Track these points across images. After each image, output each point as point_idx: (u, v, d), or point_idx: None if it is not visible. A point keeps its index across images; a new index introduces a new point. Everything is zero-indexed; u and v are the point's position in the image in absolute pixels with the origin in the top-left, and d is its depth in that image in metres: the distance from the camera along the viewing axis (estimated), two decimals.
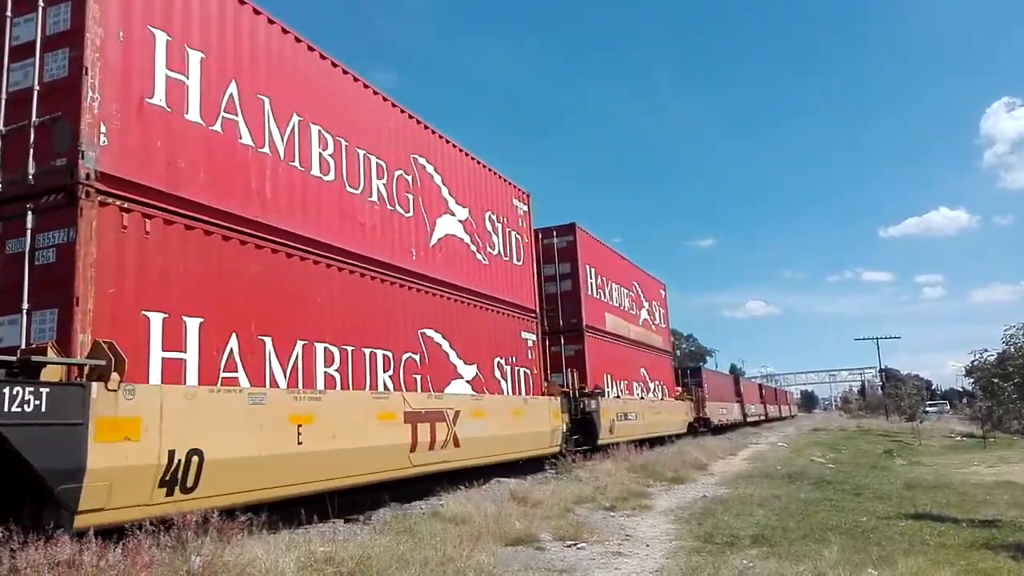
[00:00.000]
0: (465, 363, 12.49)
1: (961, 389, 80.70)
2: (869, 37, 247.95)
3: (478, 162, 14.32)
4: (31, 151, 6.54)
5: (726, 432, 37.14)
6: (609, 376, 20.62)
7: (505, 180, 15.57)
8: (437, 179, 12.44)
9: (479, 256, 13.67)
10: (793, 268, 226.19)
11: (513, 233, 15.54)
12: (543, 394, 15.61)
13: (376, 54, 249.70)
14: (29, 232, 6.41)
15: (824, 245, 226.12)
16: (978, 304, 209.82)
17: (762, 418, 60.33)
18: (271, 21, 9.06)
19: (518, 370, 14.63)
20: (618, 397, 21.02)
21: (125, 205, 6.76)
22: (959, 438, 35.03)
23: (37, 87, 6.74)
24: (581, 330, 18.99)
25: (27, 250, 6.38)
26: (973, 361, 22.01)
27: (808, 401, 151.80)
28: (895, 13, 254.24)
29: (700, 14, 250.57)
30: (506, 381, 14.04)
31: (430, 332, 11.53)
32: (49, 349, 6.03)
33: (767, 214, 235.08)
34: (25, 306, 6.29)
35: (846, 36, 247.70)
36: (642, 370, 24.77)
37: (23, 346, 6.19)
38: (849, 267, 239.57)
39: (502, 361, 14.00)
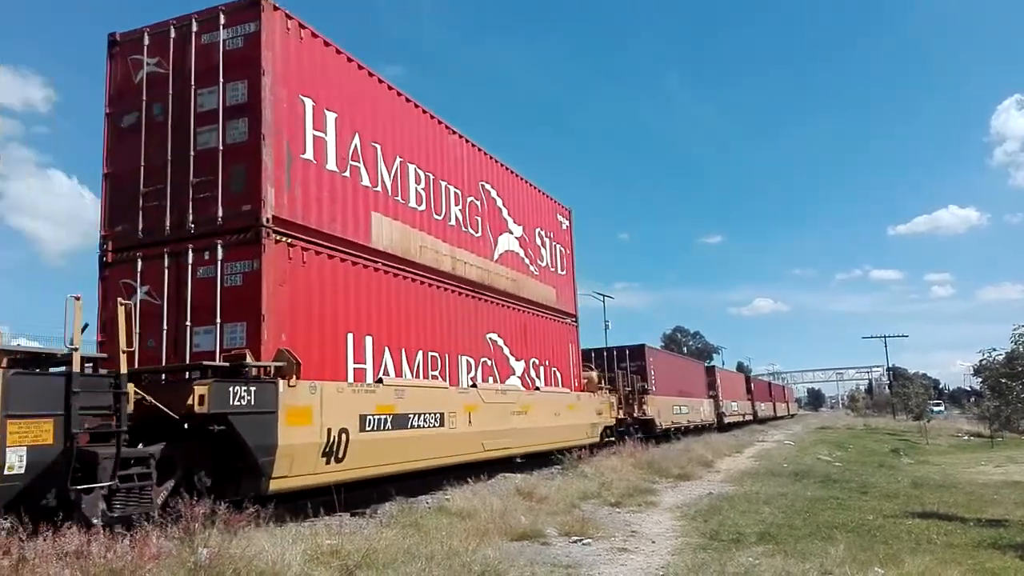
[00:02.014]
0: None
1: (969, 388, 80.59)
2: (878, 36, 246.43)
3: None
4: None
5: (674, 439, 26.41)
6: (370, 338, 10.27)
7: None
8: None
9: None
10: (802, 266, 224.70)
11: None
12: None
13: (383, 50, 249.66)
14: None
15: (833, 243, 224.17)
16: (987, 303, 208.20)
17: (748, 418, 49.45)
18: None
19: None
20: (379, 381, 10.18)
21: None
22: (966, 437, 34.91)
23: None
24: (258, 229, 8.59)
25: None
26: (981, 360, 21.97)
27: (815, 399, 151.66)
28: (904, 11, 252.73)
29: (708, 14, 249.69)
30: None
31: None
32: None
33: (776, 211, 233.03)
34: None
35: (855, 34, 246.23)
36: (493, 337, 14.31)
37: None
38: (858, 265, 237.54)
39: None
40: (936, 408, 61.20)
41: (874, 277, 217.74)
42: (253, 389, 7.89)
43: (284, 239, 8.93)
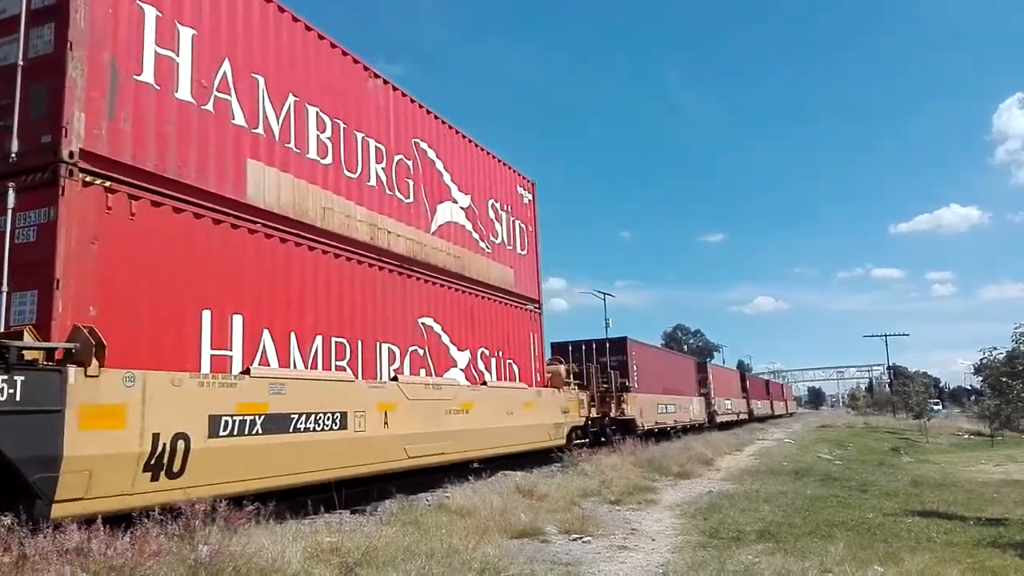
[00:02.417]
0: None
1: (970, 387, 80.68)
2: (879, 35, 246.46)
3: None
4: None
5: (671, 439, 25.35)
6: (239, 318, 8.14)
7: None
8: None
9: None
10: (803, 264, 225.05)
11: None
12: None
13: (383, 49, 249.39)
14: None
15: (834, 241, 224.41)
16: (988, 301, 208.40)
17: (743, 417, 47.14)
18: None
19: None
20: (246, 372, 7.96)
21: None
22: (967, 436, 34.93)
23: None
24: (56, 166, 6.54)
25: None
26: (982, 359, 22.09)
27: (815, 398, 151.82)
28: (905, 10, 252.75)
29: (708, 14, 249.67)
30: None
31: None
32: None
33: (777, 210, 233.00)
34: None
35: (856, 34, 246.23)
36: (427, 323, 12.03)
37: None
38: (859, 263, 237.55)
39: None
40: (935, 407, 61.24)
41: (875, 276, 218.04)
42: (19, 379, 5.66)
43: (99, 182, 6.82)
